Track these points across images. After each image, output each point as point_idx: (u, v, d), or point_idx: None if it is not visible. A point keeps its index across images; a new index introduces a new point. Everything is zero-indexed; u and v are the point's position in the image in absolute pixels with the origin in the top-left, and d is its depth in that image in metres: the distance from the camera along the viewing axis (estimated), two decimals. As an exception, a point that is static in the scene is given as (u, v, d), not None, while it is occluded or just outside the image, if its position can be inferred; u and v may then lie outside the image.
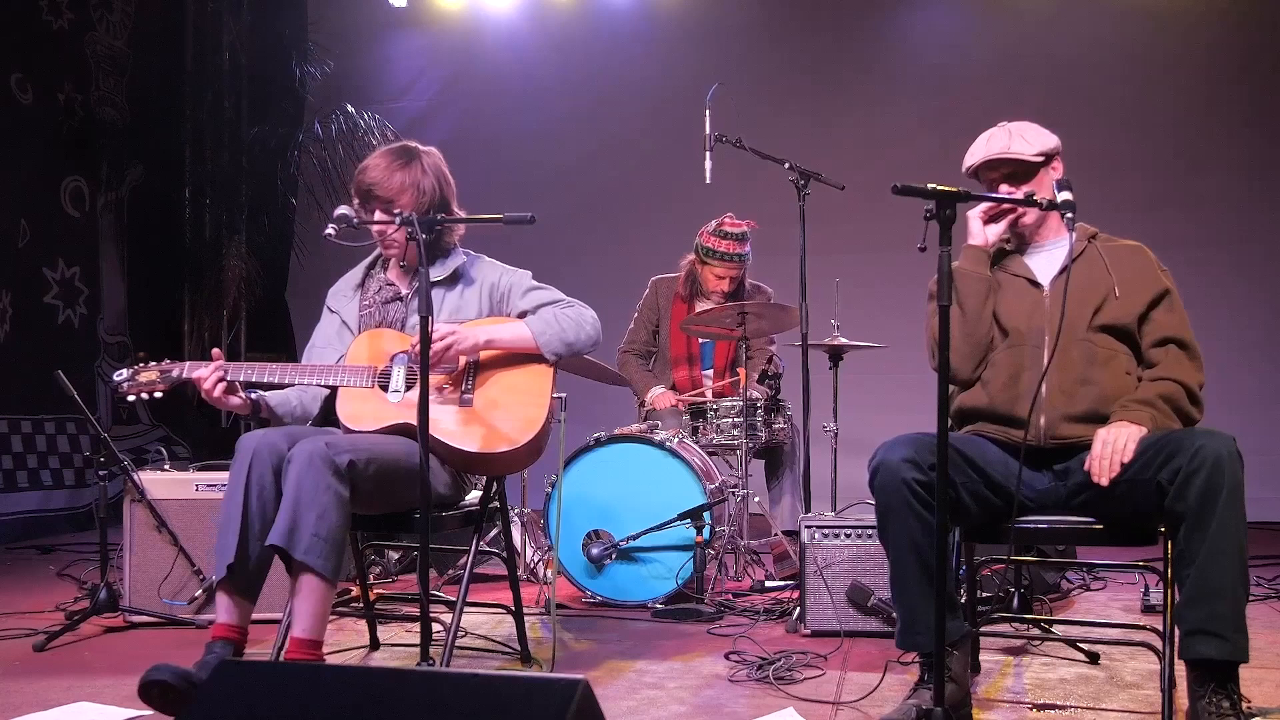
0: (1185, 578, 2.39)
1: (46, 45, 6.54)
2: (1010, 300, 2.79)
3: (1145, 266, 2.76)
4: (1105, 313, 2.69)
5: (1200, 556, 2.35)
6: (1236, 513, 2.35)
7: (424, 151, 3.07)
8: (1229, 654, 2.36)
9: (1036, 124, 2.89)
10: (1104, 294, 2.71)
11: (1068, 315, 2.56)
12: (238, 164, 7.75)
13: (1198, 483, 2.35)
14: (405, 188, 2.98)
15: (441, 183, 3.05)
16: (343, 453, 2.66)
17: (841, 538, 3.59)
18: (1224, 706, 2.35)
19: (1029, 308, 2.76)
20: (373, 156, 3.07)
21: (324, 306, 3.21)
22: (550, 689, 1.57)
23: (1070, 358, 2.66)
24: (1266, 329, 6.75)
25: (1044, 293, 2.76)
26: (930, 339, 2.76)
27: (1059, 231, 2.82)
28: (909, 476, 2.48)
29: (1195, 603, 2.37)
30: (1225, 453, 2.36)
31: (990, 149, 2.81)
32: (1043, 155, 2.81)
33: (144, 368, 2.96)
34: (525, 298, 3.09)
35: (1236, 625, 2.35)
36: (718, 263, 4.74)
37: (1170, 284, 2.74)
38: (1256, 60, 6.85)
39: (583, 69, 7.51)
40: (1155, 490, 2.43)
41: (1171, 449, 2.42)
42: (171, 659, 2.53)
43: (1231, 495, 2.34)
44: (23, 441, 6.24)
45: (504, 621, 3.69)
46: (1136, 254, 2.80)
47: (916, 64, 7.21)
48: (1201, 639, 2.36)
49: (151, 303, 7.37)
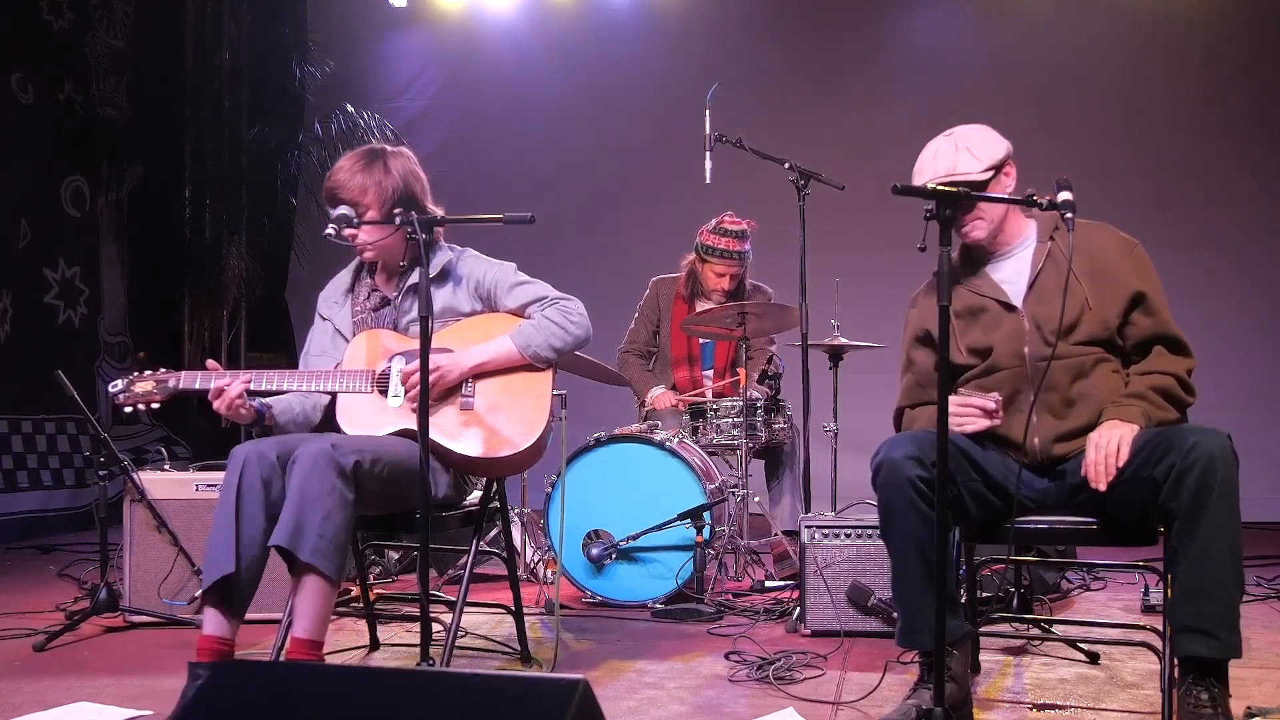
0: (1178, 574, 2.39)
1: (46, 45, 6.53)
2: (987, 324, 2.72)
3: (1114, 263, 2.65)
4: (1082, 329, 2.63)
5: (1192, 554, 2.34)
6: (1229, 510, 2.33)
7: (391, 153, 3.06)
8: (1218, 652, 2.35)
9: (986, 127, 2.74)
10: (1078, 307, 2.63)
11: (1046, 337, 2.54)
12: (238, 164, 7.75)
13: (1190, 480, 2.33)
14: (367, 189, 2.96)
15: (409, 181, 3.02)
16: (348, 454, 2.66)
17: (841, 538, 3.59)
18: (1202, 699, 2.34)
19: (1007, 331, 2.68)
20: (341, 159, 3.07)
21: (315, 312, 3.20)
22: (550, 689, 1.57)
23: (1056, 379, 2.61)
24: (1266, 328, 6.75)
25: (1019, 314, 2.68)
26: (903, 391, 2.80)
27: (1021, 232, 2.75)
28: (913, 474, 2.47)
29: (1186, 600, 2.37)
30: (1218, 450, 2.34)
31: (937, 169, 2.69)
32: (992, 168, 2.68)
33: (139, 377, 2.93)
34: (510, 295, 3.07)
35: (1227, 623, 2.34)
36: (718, 260, 4.74)
37: (1142, 278, 2.64)
38: (1256, 60, 6.86)
39: (583, 69, 7.52)
40: (1151, 487, 2.42)
41: (1165, 446, 2.41)
42: (171, 659, 2.54)
43: (1224, 493, 2.32)
44: (23, 441, 6.24)
45: (504, 621, 3.69)
46: (1102, 247, 2.68)
47: (916, 64, 7.21)
48: (1191, 637, 2.36)
49: (152, 303, 7.37)
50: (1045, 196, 2.45)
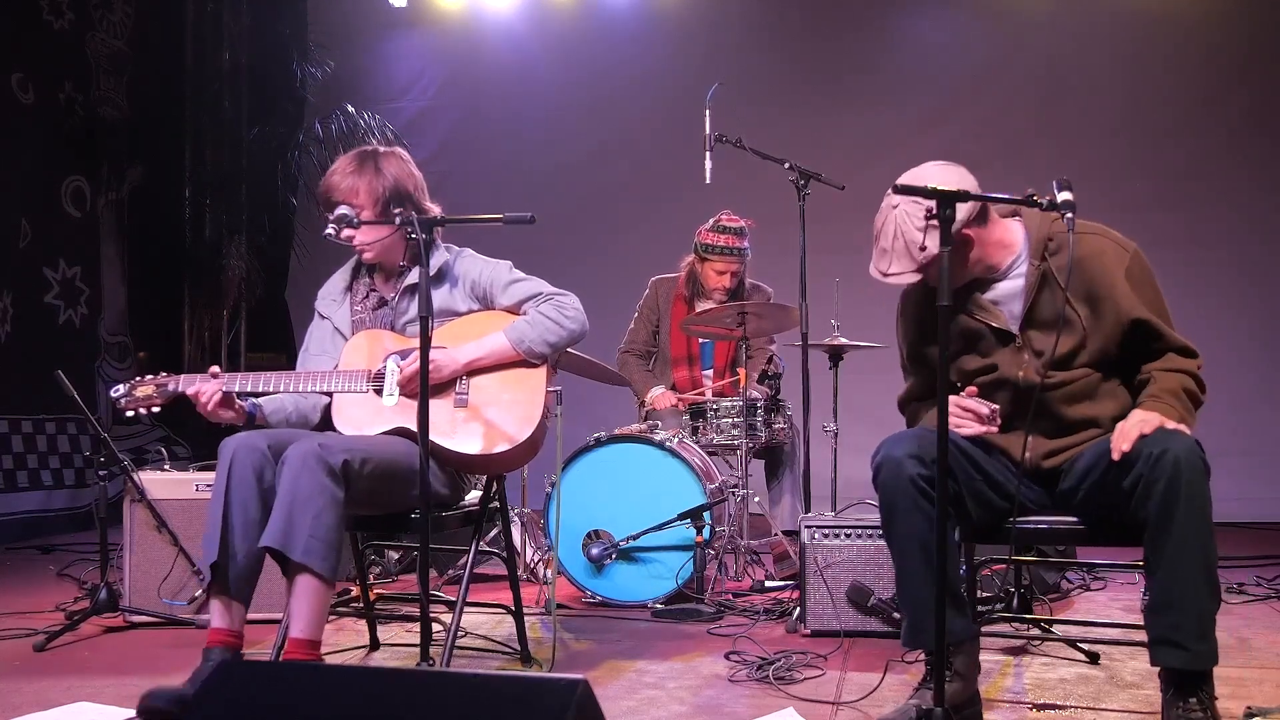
0: (1150, 585, 2.39)
1: (47, 45, 6.53)
2: (985, 349, 2.65)
3: (1109, 285, 2.54)
4: (1081, 355, 2.57)
5: (1163, 565, 2.33)
6: (1199, 519, 2.30)
7: (384, 154, 3.06)
8: (1190, 663, 2.33)
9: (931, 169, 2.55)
10: (1076, 337, 2.57)
11: (1039, 368, 2.53)
12: (238, 164, 7.75)
13: (1158, 490, 2.31)
14: (358, 190, 2.97)
15: (401, 181, 3.02)
16: (336, 453, 2.65)
17: (841, 538, 3.59)
18: (1190, 704, 2.33)
19: (1008, 358, 2.62)
20: (336, 162, 3.08)
21: (314, 310, 3.20)
22: (550, 689, 1.57)
23: (1052, 406, 2.57)
24: (1266, 328, 6.74)
25: (1016, 344, 2.61)
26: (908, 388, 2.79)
27: (1008, 248, 2.63)
28: (914, 473, 2.45)
29: (1158, 611, 2.36)
30: (1185, 459, 2.30)
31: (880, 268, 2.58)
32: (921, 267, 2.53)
33: (140, 381, 2.95)
34: (506, 293, 3.06)
35: (1199, 633, 2.32)
36: (717, 258, 4.74)
37: (1142, 296, 2.54)
38: (1256, 60, 6.86)
39: (583, 69, 7.51)
40: (1122, 497, 2.40)
41: (1133, 455, 2.37)
42: (171, 659, 2.54)
43: (1191, 502, 2.29)
44: (23, 441, 6.24)
45: (504, 621, 3.69)
46: (1100, 266, 2.55)
47: (917, 64, 7.21)
48: (1163, 649, 2.35)
49: (152, 303, 7.37)
50: (1045, 196, 2.44)
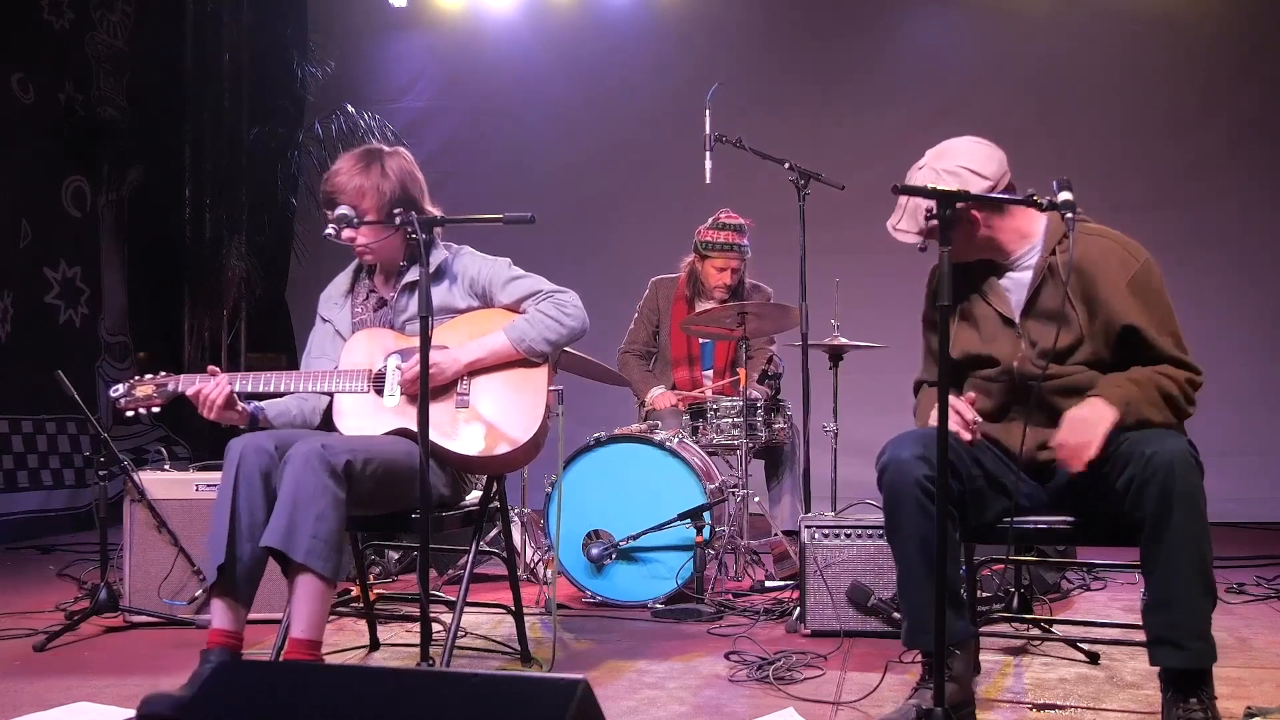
0: (1147, 585, 2.39)
1: (47, 45, 6.53)
2: (988, 332, 2.67)
3: (1108, 290, 2.53)
4: (1078, 352, 2.57)
5: (1158, 565, 2.34)
6: (1193, 519, 2.31)
7: (388, 154, 3.04)
8: (1188, 662, 2.34)
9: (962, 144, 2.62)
10: (1073, 335, 2.56)
11: (1035, 359, 2.53)
12: (238, 164, 7.74)
13: (1151, 491, 2.31)
14: (365, 192, 2.96)
15: (406, 183, 3.01)
16: (339, 454, 2.65)
17: (841, 538, 3.59)
18: (1191, 703, 2.34)
19: (1008, 345, 2.63)
20: (338, 161, 3.06)
21: (316, 314, 3.19)
22: (550, 689, 1.57)
23: (1047, 398, 2.56)
24: (1266, 329, 6.74)
25: (1016, 332, 2.63)
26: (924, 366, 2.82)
27: (1025, 238, 2.64)
28: (919, 474, 2.44)
29: (1154, 611, 2.37)
30: (1177, 459, 2.31)
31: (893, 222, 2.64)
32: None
33: (140, 381, 2.94)
34: (505, 290, 3.05)
35: (1196, 632, 2.33)
36: (718, 255, 4.75)
37: (1141, 304, 2.52)
38: (1256, 60, 6.86)
39: (583, 70, 7.52)
40: (1116, 498, 2.40)
41: (1125, 456, 2.38)
42: (171, 659, 2.54)
43: (1185, 502, 2.30)
44: (23, 441, 6.24)
45: (504, 621, 3.69)
46: (1102, 269, 2.55)
47: (917, 64, 7.21)
48: (1160, 648, 2.36)
49: (152, 303, 7.37)
50: (1045, 196, 2.44)
